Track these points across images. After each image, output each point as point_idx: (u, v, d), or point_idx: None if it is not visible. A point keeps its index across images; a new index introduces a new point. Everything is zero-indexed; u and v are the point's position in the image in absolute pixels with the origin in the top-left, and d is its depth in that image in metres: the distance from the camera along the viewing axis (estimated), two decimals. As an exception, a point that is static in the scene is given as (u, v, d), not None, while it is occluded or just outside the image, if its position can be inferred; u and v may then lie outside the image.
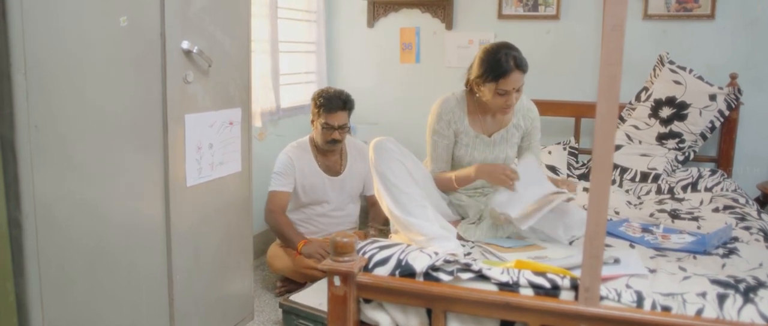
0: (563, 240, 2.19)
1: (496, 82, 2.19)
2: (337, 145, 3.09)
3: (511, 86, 2.19)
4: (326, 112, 2.99)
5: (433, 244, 1.94)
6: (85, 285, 1.71)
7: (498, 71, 2.18)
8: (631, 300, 1.56)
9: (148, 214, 1.90)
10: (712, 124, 3.24)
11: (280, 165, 3.07)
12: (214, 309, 2.22)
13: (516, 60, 2.19)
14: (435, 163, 2.41)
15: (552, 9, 3.65)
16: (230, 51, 2.15)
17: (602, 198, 1.48)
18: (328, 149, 3.10)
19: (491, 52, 2.22)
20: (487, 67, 2.21)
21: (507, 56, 2.18)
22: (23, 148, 1.51)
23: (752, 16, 3.31)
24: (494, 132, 2.38)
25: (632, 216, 2.64)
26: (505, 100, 2.21)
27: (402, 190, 2.04)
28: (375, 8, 4.03)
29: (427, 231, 1.97)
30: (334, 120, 3.00)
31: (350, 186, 3.18)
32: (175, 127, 1.94)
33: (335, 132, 3.02)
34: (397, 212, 2.02)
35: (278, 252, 3.01)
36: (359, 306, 1.78)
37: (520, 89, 2.23)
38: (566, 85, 3.67)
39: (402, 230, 2.05)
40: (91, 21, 1.64)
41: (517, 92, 2.23)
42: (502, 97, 2.21)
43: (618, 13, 1.41)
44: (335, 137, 3.03)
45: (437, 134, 2.37)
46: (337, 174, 3.15)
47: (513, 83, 2.18)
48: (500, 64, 2.18)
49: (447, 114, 2.34)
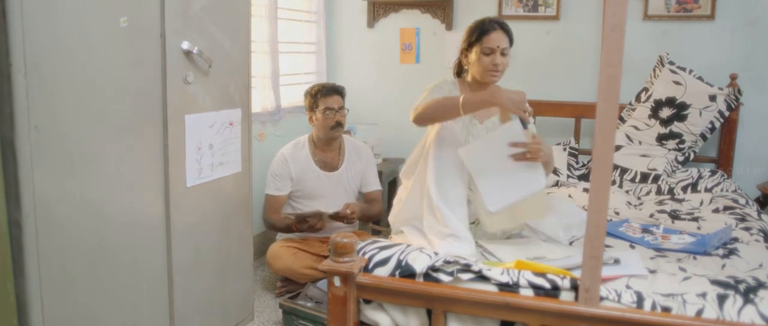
0: (563, 241, 2.19)
1: (480, 41, 2.24)
2: (340, 131, 3.14)
3: (495, 44, 2.22)
4: (324, 96, 3.09)
5: (448, 241, 1.95)
6: (85, 285, 1.71)
7: (481, 30, 2.25)
8: (631, 301, 1.56)
9: (149, 214, 1.90)
10: (712, 125, 3.24)
11: (275, 166, 3.10)
12: (214, 309, 2.22)
13: (498, 23, 2.27)
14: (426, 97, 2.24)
15: (552, 9, 3.65)
16: (230, 51, 2.15)
17: (602, 199, 1.47)
18: (332, 136, 3.13)
19: (476, 21, 2.32)
20: (472, 30, 2.29)
21: (490, 21, 2.28)
22: (23, 148, 1.51)
23: (752, 16, 3.32)
24: (486, 119, 2.35)
25: (632, 217, 2.64)
26: (491, 60, 2.23)
27: (449, 175, 2.06)
28: (375, 9, 4.03)
29: (452, 226, 1.99)
30: (333, 103, 3.09)
31: (347, 183, 3.20)
32: (175, 127, 1.94)
33: (337, 114, 3.09)
34: (434, 190, 2.05)
35: (278, 252, 3.01)
36: (359, 307, 1.78)
37: (506, 53, 2.25)
38: (566, 85, 3.67)
39: (426, 211, 2.06)
40: (92, 21, 1.64)
41: (503, 56, 2.24)
42: (488, 57, 2.23)
43: (618, 13, 1.41)
44: (338, 119, 3.10)
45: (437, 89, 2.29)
46: (334, 170, 3.17)
47: (496, 41, 2.22)
48: (483, 24, 2.27)
49: (446, 89, 2.32)
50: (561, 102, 3.59)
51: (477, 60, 2.25)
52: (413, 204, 2.20)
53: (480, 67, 2.25)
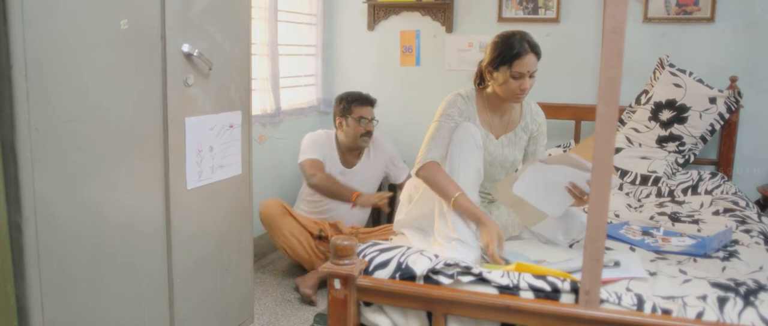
0: (563, 244, 2.19)
1: (510, 64, 2.14)
2: (368, 141, 3.27)
3: (526, 69, 2.13)
4: (359, 106, 3.22)
5: (453, 245, 1.95)
6: (85, 288, 1.71)
7: (512, 53, 2.13)
8: (632, 303, 1.56)
9: (149, 217, 1.90)
10: (712, 127, 3.24)
11: (316, 136, 3.26)
12: (215, 311, 2.22)
13: (530, 43, 2.16)
14: (430, 150, 2.15)
15: (552, 12, 3.66)
16: (230, 54, 2.15)
17: (602, 201, 1.48)
18: (360, 145, 3.27)
19: (504, 36, 2.19)
20: (501, 50, 2.16)
21: (521, 40, 2.16)
22: (24, 151, 1.51)
23: (752, 19, 3.32)
24: (502, 134, 2.31)
25: (632, 219, 2.64)
26: (519, 84, 2.15)
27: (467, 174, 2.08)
28: (375, 11, 4.03)
29: (460, 231, 2.00)
30: (367, 113, 3.22)
31: (363, 180, 3.30)
32: (175, 129, 1.94)
33: (370, 124, 3.22)
34: None
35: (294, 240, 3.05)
36: (359, 309, 1.78)
37: (534, 75, 2.18)
38: (566, 87, 3.67)
39: (437, 213, 2.08)
40: (92, 24, 1.64)
41: (531, 78, 2.17)
42: (516, 81, 2.14)
43: (618, 16, 1.42)
44: (369, 128, 3.23)
45: (446, 117, 2.20)
46: (351, 166, 3.30)
47: (527, 66, 2.13)
48: (514, 46, 2.14)
49: (461, 105, 2.24)
50: (561, 104, 3.60)
51: (504, 82, 2.16)
52: (424, 204, 2.20)
53: (507, 89, 2.18)
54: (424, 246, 2.08)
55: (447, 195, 2.05)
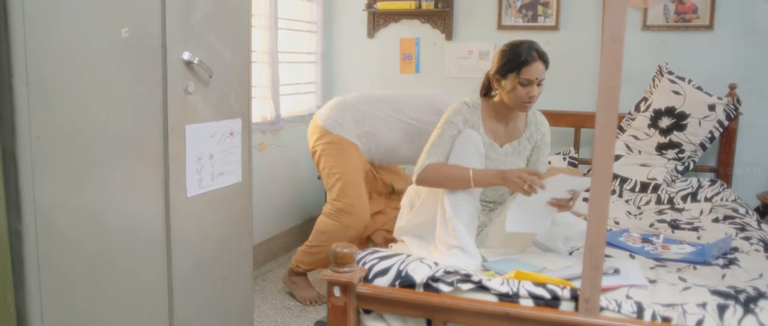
0: (563, 251, 2.19)
1: (519, 72, 2.14)
2: None
3: (534, 76, 2.13)
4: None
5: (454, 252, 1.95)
6: (85, 295, 1.71)
7: (519, 60, 2.14)
8: (632, 311, 1.56)
9: (149, 224, 1.90)
10: (711, 134, 3.25)
11: None
12: (214, 319, 2.22)
13: (538, 51, 2.16)
14: (431, 156, 2.17)
15: (551, 20, 3.67)
16: (231, 61, 2.16)
17: (602, 209, 1.48)
18: None
19: (512, 45, 2.20)
20: (509, 57, 2.17)
21: (529, 47, 2.16)
22: (24, 158, 1.51)
23: (751, 26, 3.33)
24: (506, 143, 2.31)
25: (632, 227, 2.64)
26: (527, 92, 2.14)
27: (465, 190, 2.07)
28: (375, 19, 4.04)
29: (461, 239, 2.00)
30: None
31: None
32: (175, 137, 1.95)
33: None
34: (448, 203, 2.06)
35: None
36: (359, 317, 1.78)
37: (542, 84, 2.18)
38: (565, 95, 3.68)
39: (439, 221, 2.07)
40: (93, 32, 1.65)
41: (539, 86, 2.17)
42: (524, 89, 2.14)
43: (617, 23, 1.42)
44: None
45: (449, 124, 2.21)
46: None
47: (535, 73, 2.13)
48: (522, 53, 2.15)
49: (466, 113, 2.25)
50: (560, 111, 3.60)
51: (512, 89, 2.16)
52: (425, 211, 2.20)
53: (514, 97, 2.17)
54: (424, 253, 2.08)
55: (462, 178, 2.06)
